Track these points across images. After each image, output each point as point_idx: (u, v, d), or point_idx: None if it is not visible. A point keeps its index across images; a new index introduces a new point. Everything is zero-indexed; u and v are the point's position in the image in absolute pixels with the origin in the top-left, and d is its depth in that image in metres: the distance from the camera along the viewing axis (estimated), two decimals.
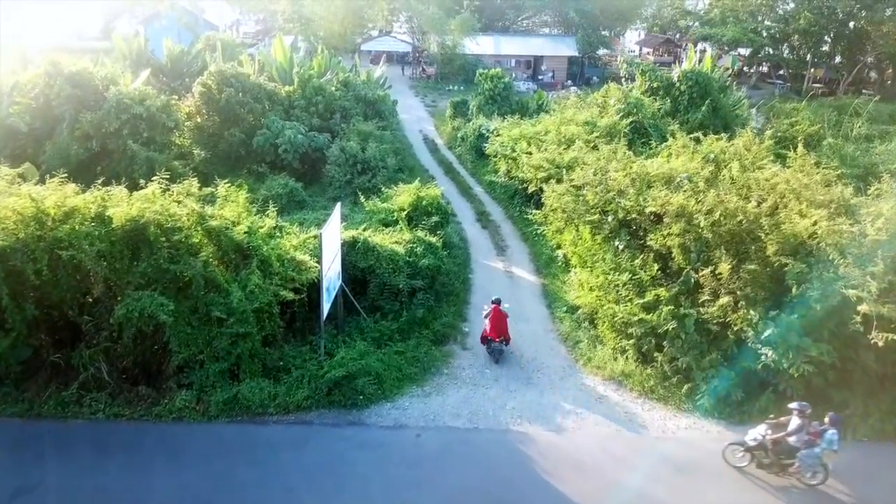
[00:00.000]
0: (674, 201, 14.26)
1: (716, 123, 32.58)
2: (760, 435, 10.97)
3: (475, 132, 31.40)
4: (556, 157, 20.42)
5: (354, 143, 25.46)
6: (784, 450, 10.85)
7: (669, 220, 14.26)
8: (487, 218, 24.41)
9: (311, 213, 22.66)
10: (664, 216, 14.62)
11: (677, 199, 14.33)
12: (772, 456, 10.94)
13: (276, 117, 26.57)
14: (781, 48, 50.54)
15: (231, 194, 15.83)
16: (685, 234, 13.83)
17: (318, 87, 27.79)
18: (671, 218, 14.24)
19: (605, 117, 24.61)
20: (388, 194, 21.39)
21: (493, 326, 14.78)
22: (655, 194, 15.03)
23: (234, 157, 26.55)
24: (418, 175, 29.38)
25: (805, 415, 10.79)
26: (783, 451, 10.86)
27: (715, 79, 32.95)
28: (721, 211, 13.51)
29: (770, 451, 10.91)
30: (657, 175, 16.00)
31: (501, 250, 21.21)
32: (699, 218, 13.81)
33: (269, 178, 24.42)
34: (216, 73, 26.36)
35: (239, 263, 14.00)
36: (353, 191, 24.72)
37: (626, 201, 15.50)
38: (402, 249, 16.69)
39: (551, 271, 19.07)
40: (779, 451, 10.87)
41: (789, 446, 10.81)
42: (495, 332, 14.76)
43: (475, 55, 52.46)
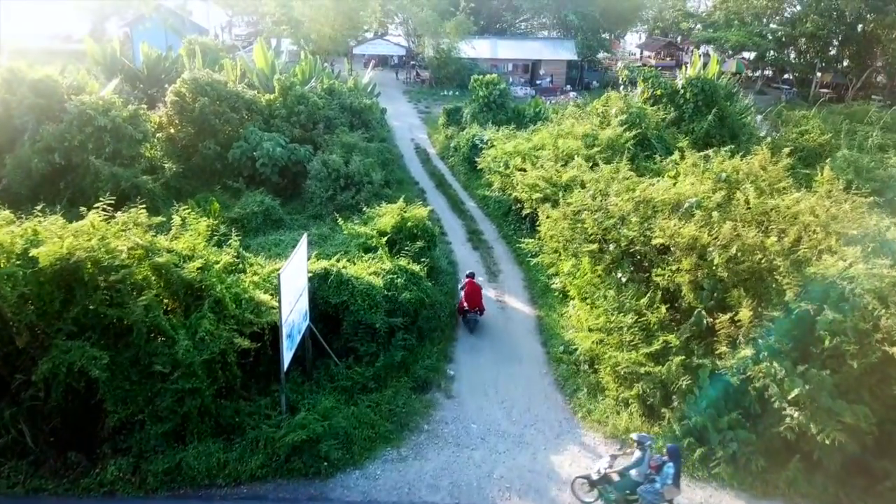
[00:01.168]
0: (684, 232, 12.57)
1: (722, 133, 31.00)
2: (602, 467, 10.36)
3: (468, 142, 29.72)
4: (552, 174, 18.72)
5: (337, 157, 23.77)
6: (627, 484, 10.14)
7: (679, 253, 12.57)
8: (479, 237, 22.70)
9: (288, 233, 21.00)
10: (673, 248, 12.94)
11: (687, 229, 12.64)
12: (615, 491, 10.21)
13: (255, 128, 24.87)
14: (787, 52, 48.86)
15: (190, 220, 14.14)
16: (696, 269, 12.13)
17: (300, 95, 26.10)
18: (681, 251, 12.56)
19: (605, 130, 22.89)
20: (369, 214, 19.69)
21: (467, 298, 16.17)
22: (662, 224, 13.34)
23: (209, 171, 24.84)
24: (408, 189, 27.79)
25: (645, 447, 10.14)
26: (627, 486, 10.14)
27: (721, 86, 31.28)
28: (738, 246, 11.81)
29: (613, 486, 10.22)
30: (663, 200, 14.30)
31: (493, 276, 19.50)
32: (713, 253, 12.13)
33: (245, 195, 22.72)
34: (190, 80, 24.65)
35: (190, 305, 12.30)
36: (335, 208, 23.04)
37: (628, 231, 13.82)
38: (380, 282, 14.97)
39: (547, 302, 17.37)
40: (622, 486, 10.16)
41: (632, 481, 10.08)
42: (470, 304, 16.11)
43: (471, 59, 50.77)
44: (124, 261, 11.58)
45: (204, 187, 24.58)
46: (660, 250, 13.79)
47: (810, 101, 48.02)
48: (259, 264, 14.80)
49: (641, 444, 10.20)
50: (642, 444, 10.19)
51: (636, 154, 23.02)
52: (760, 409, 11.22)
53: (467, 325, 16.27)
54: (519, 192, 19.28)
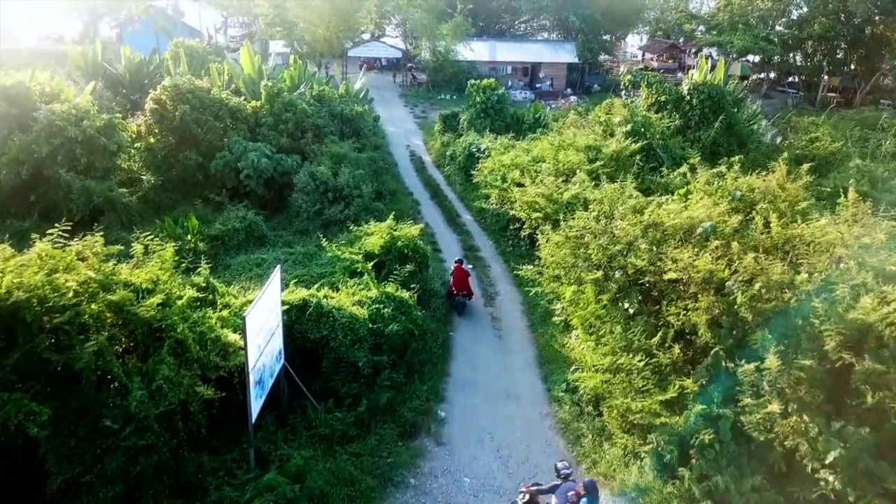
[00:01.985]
0: (700, 265, 11.27)
1: (730, 141, 29.78)
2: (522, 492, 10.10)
3: (465, 151, 28.44)
4: (553, 191, 17.43)
5: (326, 168, 22.48)
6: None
7: (694, 288, 11.28)
8: (476, 255, 21.41)
9: (272, 251, 19.71)
10: (686, 282, 11.65)
11: (703, 262, 11.34)
12: None
13: (240, 137, 23.58)
14: (794, 55, 47.56)
15: (154, 246, 12.84)
16: (714, 307, 10.85)
17: (288, 102, 24.81)
18: (696, 286, 11.26)
19: (609, 142, 21.60)
20: (356, 233, 18.43)
21: (455, 283, 17.09)
22: (674, 254, 12.05)
23: (191, 183, 23.55)
24: (401, 200, 26.52)
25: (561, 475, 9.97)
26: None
27: (729, 91, 29.99)
28: (763, 282, 10.52)
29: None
30: (674, 225, 13.01)
31: (490, 298, 18.21)
32: (733, 288, 10.84)
33: (227, 210, 21.43)
34: (170, 86, 23.36)
35: (149, 346, 11.01)
36: (322, 223, 21.78)
37: (637, 259, 12.53)
38: (365, 313, 13.69)
39: (548, 330, 16.08)
40: None
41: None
42: (458, 288, 17.05)
43: (469, 62, 49.47)
44: (73, 299, 10.28)
45: (184, 200, 23.32)
46: (672, 281, 12.51)
47: (817, 105, 46.79)
48: (232, 294, 13.51)
49: (559, 472, 10.08)
50: (558, 472, 10.07)
51: (642, 166, 21.75)
52: (788, 467, 9.93)
53: (455, 308, 17.21)
54: (517, 210, 17.99)
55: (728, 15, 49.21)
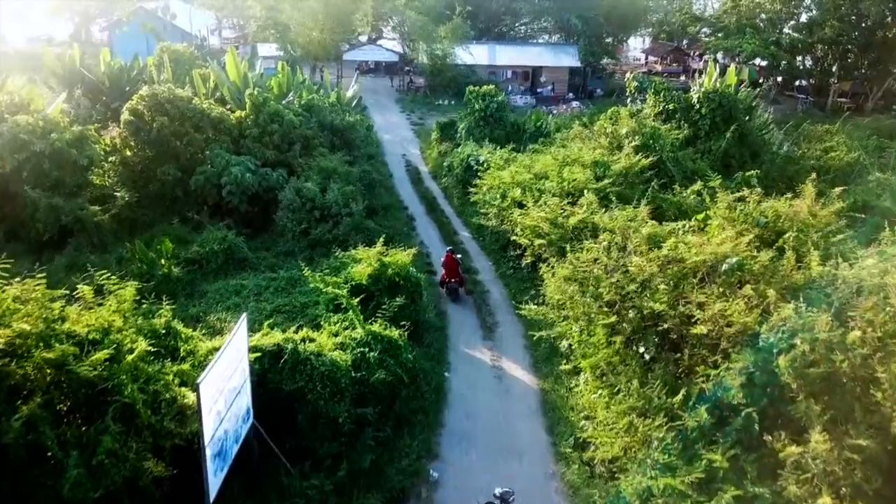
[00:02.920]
0: (733, 316, 9.75)
1: (742, 152, 28.27)
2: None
3: (463, 163, 26.93)
4: (557, 215, 15.91)
5: (313, 185, 20.98)
6: None
7: (726, 343, 9.77)
8: (474, 278, 19.91)
9: (253, 277, 18.20)
10: (715, 332, 10.14)
11: (736, 312, 9.82)
12: None
13: (222, 150, 22.07)
14: (804, 59, 46.05)
15: (110, 286, 11.31)
16: (751, 372, 9.34)
17: (274, 112, 23.29)
18: (728, 341, 9.76)
19: (618, 157, 20.09)
20: (342, 259, 16.93)
21: (447, 271, 18.14)
22: (698, 296, 10.55)
23: (170, 199, 22.05)
24: (395, 215, 25.02)
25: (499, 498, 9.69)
26: None
27: (741, 100, 28.47)
28: (807, 341, 9.00)
29: None
30: (696, 263, 11.51)
31: (489, 331, 16.69)
32: (772, 345, 9.33)
33: (206, 230, 19.90)
34: (148, 96, 21.85)
35: (94, 410, 9.49)
36: (309, 243, 20.29)
37: (656, 302, 11.03)
38: (348, 358, 12.17)
39: (553, 370, 14.55)
40: None
41: None
42: (449, 275, 18.07)
43: (468, 65, 47.93)
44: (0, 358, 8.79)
45: (163, 218, 21.82)
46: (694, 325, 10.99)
47: (828, 111, 45.29)
48: (197, 339, 11.98)
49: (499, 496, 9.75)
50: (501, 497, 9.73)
51: (651, 183, 20.24)
52: None
53: (448, 295, 18.28)
54: (518, 235, 16.47)
55: (735, 17, 47.68)
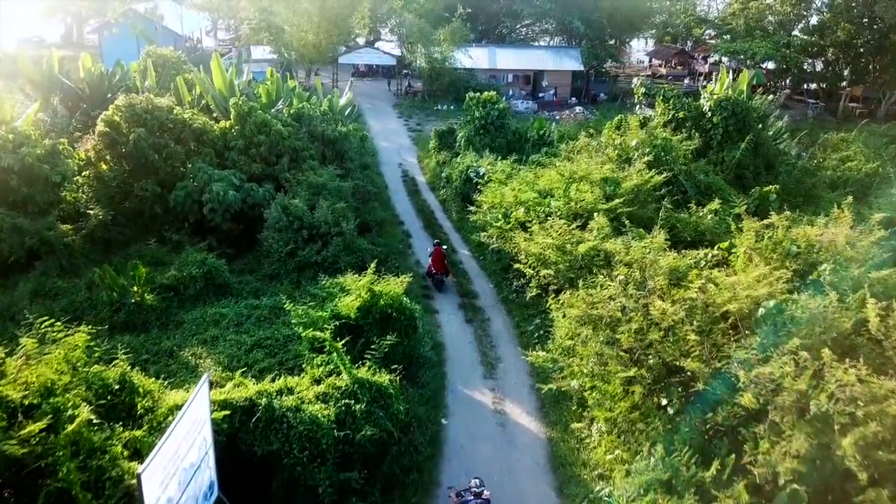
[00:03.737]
0: (784, 382, 8.28)
1: (756, 163, 26.83)
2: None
3: (462, 175, 25.47)
4: (565, 241, 14.45)
5: (301, 202, 19.51)
6: None
7: (776, 415, 8.33)
8: (474, 303, 18.49)
9: (234, 304, 16.76)
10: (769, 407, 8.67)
11: (786, 375, 8.37)
12: None
13: (204, 164, 20.61)
14: (814, 63, 44.60)
15: (54, 333, 9.86)
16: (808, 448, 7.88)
17: (261, 122, 21.82)
18: (780, 413, 8.30)
19: (629, 173, 18.66)
20: (328, 288, 15.48)
21: (434, 264, 19.27)
22: (736, 353, 9.11)
23: (148, 217, 20.58)
24: (390, 231, 23.57)
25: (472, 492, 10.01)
26: None
27: (755, 108, 27.02)
28: (876, 418, 7.55)
29: None
30: (730, 310, 10.07)
31: (491, 367, 15.23)
32: (832, 418, 7.89)
33: (185, 252, 18.43)
34: (125, 106, 20.40)
35: (23, 495, 8.04)
36: (296, 265, 18.84)
37: (688, 360, 9.59)
38: (331, 412, 10.73)
39: (562, 418, 13.09)
40: None
41: None
42: (437, 268, 19.19)
43: (467, 69, 46.46)
44: None
45: (140, 237, 20.37)
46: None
47: (839, 116, 43.89)
48: (159, 392, 10.52)
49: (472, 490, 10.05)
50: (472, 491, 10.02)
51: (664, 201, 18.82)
52: None
53: (435, 286, 19.38)
54: (522, 263, 14.98)
55: (743, 20, 46.26)
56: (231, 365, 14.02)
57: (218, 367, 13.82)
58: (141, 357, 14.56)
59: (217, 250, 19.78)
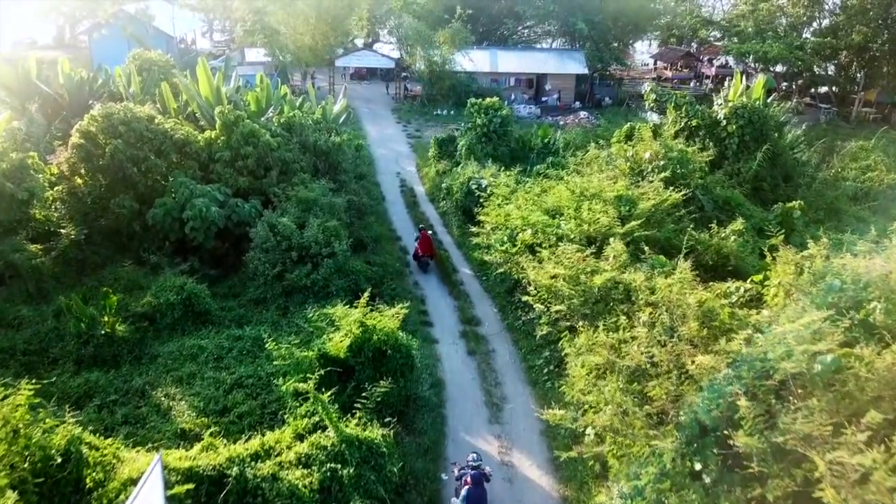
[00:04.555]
0: (876, 474, 6.85)
1: (774, 174, 25.42)
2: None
3: (463, 187, 24.04)
4: (579, 270, 12.99)
5: (289, 220, 18.08)
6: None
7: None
8: (476, 331, 17.06)
9: (215, 335, 15.34)
10: None
11: (878, 466, 6.93)
12: None
13: (187, 178, 19.17)
14: (827, 66, 43.16)
15: None
16: None
17: (248, 133, 20.39)
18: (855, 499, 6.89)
19: (643, 190, 17.23)
20: (315, 322, 14.05)
21: (421, 247, 20.34)
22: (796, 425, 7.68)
23: (126, 235, 19.12)
24: (386, 248, 22.11)
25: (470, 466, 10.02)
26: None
27: (772, 115, 25.60)
28: None
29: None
30: (780, 359, 8.63)
31: (496, 408, 13.77)
32: None
33: (163, 276, 16.98)
34: (101, 116, 18.96)
35: None
36: (283, 289, 17.41)
37: (741, 435, 8.16)
38: (315, 478, 9.30)
39: (576, 472, 11.64)
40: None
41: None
42: (423, 251, 20.28)
43: (468, 73, 45.02)
44: None
45: (117, 257, 18.90)
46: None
47: (853, 122, 42.51)
48: (113, 455, 9.08)
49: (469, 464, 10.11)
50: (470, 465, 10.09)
51: (683, 221, 17.40)
52: None
53: (421, 267, 20.58)
54: (532, 295, 13.50)
55: (752, 21, 44.85)
56: (208, 409, 12.66)
57: (193, 413, 12.50)
58: (108, 398, 13.23)
59: (199, 272, 18.41)
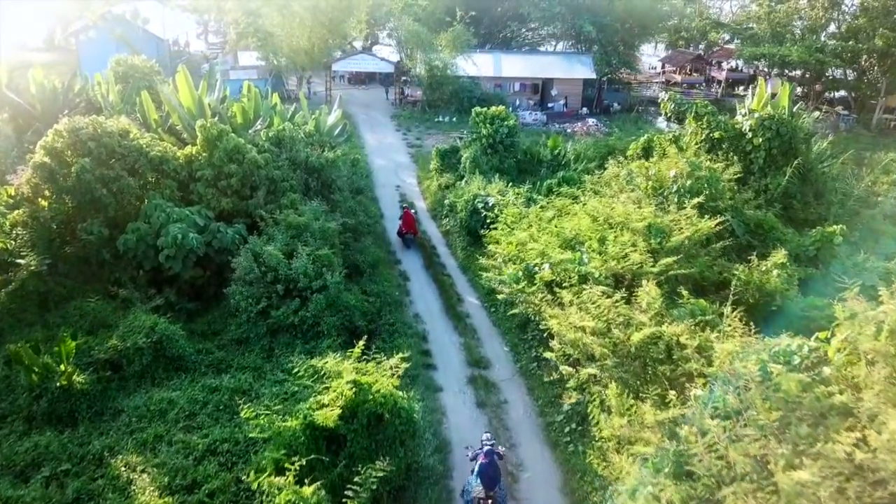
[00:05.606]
0: None
1: (804, 191, 23.51)
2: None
3: (468, 205, 22.13)
4: (610, 320, 11.06)
5: (276, 249, 16.15)
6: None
7: None
8: (485, 376, 15.13)
9: (188, 385, 13.44)
10: None
11: None
12: None
13: (162, 200, 17.27)
14: (846, 71, 41.24)
15: None
16: None
17: (232, 149, 18.48)
18: None
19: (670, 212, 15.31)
20: (302, 375, 12.14)
21: (405, 225, 22.53)
22: None
23: (96, 264, 17.18)
24: (384, 274, 20.19)
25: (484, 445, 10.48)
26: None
27: (802, 127, 23.69)
28: None
29: None
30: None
31: (511, 479, 11.82)
32: None
33: (132, 314, 15.02)
34: (68, 131, 17.05)
35: None
36: (269, 328, 15.51)
37: None
38: None
39: None
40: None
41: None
42: (406, 227, 22.48)
43: (471, 77, 43.09)
44: None
45: (86, 288, 16.91)
46: None
47: (873, 129, 40.64)
48: None
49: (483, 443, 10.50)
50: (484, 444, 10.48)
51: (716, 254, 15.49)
52: None
53: (404, 243, 22.33)
54: (555, 352, 11.56)
55: (767, 23, 42.95)
56: (174, 483, 10.77)
57: (155, 489, 10.62)
58: (60, 467, 11.35)
59: (176, 305, 16.56)
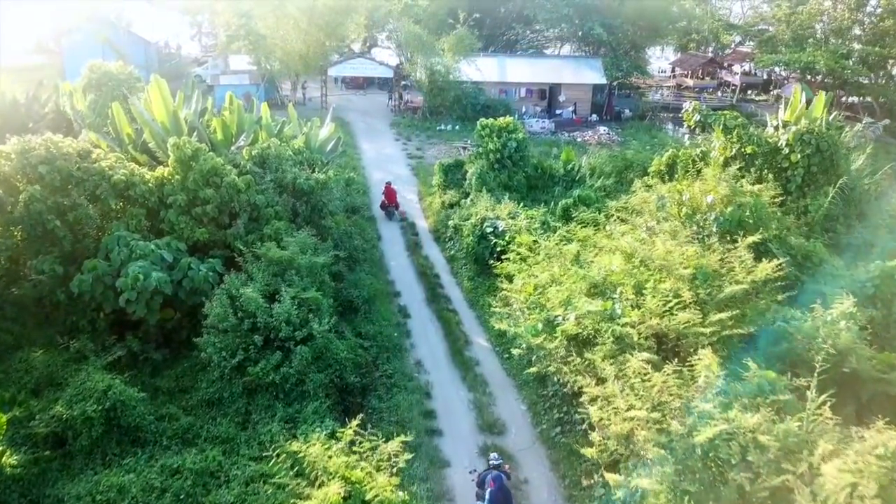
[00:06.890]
0: None
1: (847, 213, 21.21)
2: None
3: (475, 230, 19.87)
4: (664, 405, 8.77)
5: (255, 292, 13.84)
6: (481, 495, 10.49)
7: None
8: (501, 444, 12.83)
9: (144, 467, 11.17)
10: None
11: None
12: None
13: (127, 231, 15.00)
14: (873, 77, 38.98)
15: None
16: None
17: (209, 170, 16.20)
18: None
19: (716, 253, 13.02)
20: (277, 471, 9.88)
21: (387, 198, 24.67)
22: None
23: (50, 306, 14.89)
24: (382, 309, 17.91)
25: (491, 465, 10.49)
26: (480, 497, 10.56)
27: (843, 143, 21.43)
28: None
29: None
30: None
31: None
32: None
33: (86, 368, 12.75)
34: (16, 153, 14.77)
35: None
36: (245, 387, 13.23)
37: None
38: None
39: None
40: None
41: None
42: (388, 200, 24.64)
43: (474, 83, 40.80)
44: None
45: (37, 335, 14.66)
46: None
47: None
48: None
49: (490, 463, 10.51)
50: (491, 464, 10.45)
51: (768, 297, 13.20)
52: None
53: (387, 215, 24.77)
54: (597, 449, 9.21)
55: (788, 26, 40.68)
56: None
57: None
58: None
59: (141, 355, 14.33)
